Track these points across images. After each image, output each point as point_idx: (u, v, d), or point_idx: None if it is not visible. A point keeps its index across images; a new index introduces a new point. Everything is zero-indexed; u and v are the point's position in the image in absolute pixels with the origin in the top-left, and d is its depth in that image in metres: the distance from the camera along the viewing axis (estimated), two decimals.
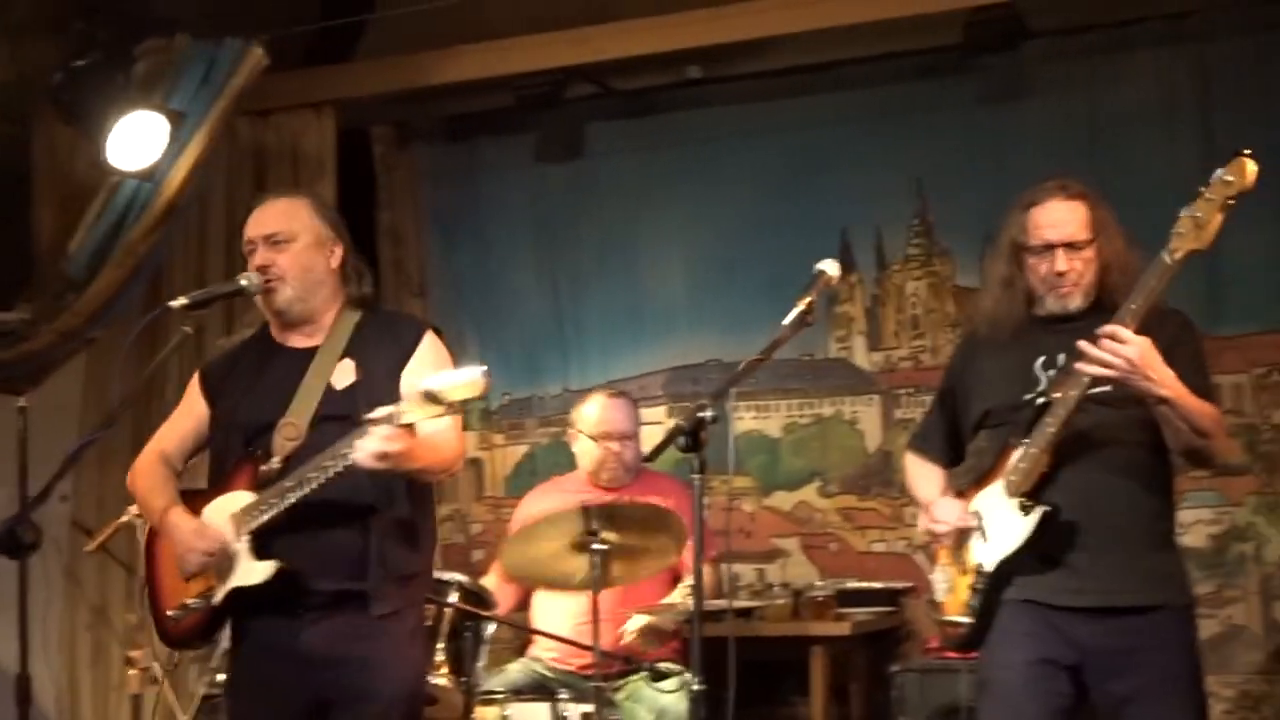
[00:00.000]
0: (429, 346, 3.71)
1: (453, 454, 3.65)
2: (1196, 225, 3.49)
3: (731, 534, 6.39)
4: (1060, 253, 3.79)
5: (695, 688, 3.24)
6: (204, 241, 6.84)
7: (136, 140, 5.74)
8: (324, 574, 3.53)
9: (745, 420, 6.67)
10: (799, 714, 6.19)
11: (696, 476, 3.25)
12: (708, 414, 3.27)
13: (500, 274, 7.14)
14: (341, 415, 3.55)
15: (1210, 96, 6.03)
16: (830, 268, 3.67)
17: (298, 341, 3.74)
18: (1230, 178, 3.47)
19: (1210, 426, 3.66)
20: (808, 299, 3.59)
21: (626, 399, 5.63)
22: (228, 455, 3.71)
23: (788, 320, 3.56)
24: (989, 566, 3.79)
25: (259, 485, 3.59)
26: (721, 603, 4.22)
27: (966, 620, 3.86)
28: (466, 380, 3.31)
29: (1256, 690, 5.82)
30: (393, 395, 3.49)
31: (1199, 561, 5.85)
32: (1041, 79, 6.29)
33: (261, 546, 3.56)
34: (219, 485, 3.70)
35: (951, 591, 3.94)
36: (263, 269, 3.68)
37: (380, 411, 3.36)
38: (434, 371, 3.51)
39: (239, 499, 3.61)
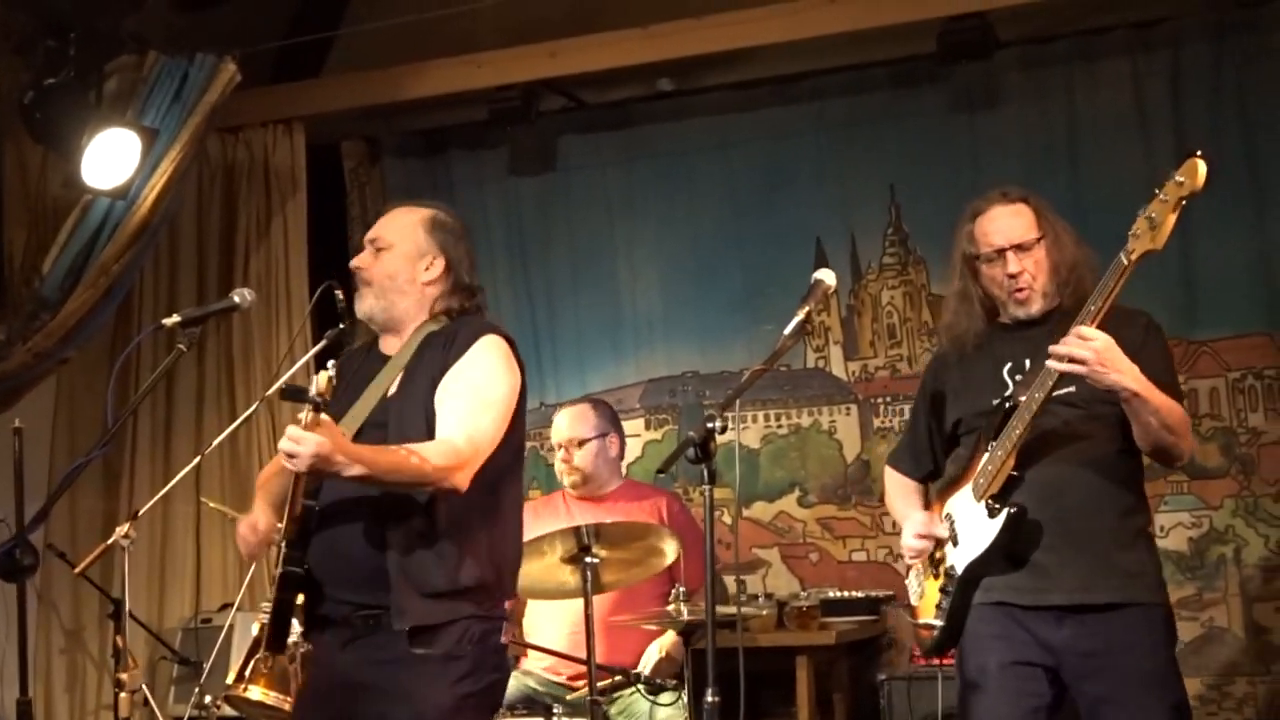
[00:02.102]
0: (477, 351, 3.50)
1: (428, 467, 3.31)
2: (1151, 226, 3.51)
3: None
4: (1011, 255, 3.85)
5: (710, 699, 3.21)
6: (174, 258, 6.79)
7: (110, 158, 5.67)
8: (344, 586, 3.42)
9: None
10: None
11: (707, 487, 3.25)
12: (716, 425, 3.27)
13: None
14: (381, 425, 3.48)
15: (1182, 102, 6.07)
16: (827, 277, 3.69)
17: (388, 348, 3.67)
18: (1182, 179, 3.48)
19: (1177, 424, 3.70)
20: (806, 308, 3.60)
21: (588, 404, 5.58)
22: None
23: (788, 330, 3.57)
24: (959, 569, 3.82)
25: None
26: (730, 610, 4.19)
27: (938, 623, 3.89)
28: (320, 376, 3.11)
29: (1239, 692, 5.86)
30: (429, 404, 3.44)
31: (1179, 564, 5.90)
32: (1014, 87, 6.33)
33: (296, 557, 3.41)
34: None
35: (923, 596, 3.98)
36: (355, 269, 3.66)
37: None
38: (470, 377, 3.44)
39: None
